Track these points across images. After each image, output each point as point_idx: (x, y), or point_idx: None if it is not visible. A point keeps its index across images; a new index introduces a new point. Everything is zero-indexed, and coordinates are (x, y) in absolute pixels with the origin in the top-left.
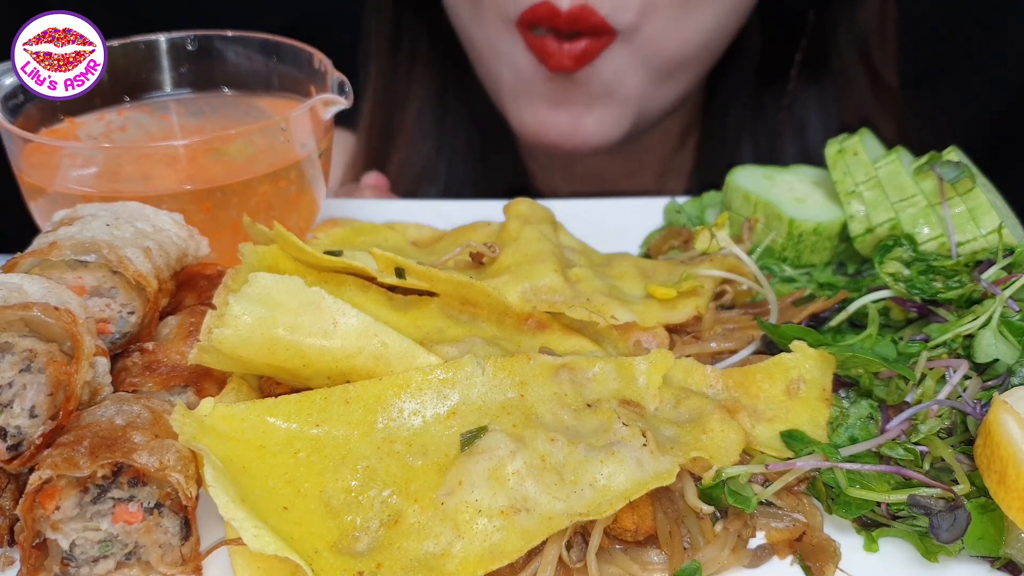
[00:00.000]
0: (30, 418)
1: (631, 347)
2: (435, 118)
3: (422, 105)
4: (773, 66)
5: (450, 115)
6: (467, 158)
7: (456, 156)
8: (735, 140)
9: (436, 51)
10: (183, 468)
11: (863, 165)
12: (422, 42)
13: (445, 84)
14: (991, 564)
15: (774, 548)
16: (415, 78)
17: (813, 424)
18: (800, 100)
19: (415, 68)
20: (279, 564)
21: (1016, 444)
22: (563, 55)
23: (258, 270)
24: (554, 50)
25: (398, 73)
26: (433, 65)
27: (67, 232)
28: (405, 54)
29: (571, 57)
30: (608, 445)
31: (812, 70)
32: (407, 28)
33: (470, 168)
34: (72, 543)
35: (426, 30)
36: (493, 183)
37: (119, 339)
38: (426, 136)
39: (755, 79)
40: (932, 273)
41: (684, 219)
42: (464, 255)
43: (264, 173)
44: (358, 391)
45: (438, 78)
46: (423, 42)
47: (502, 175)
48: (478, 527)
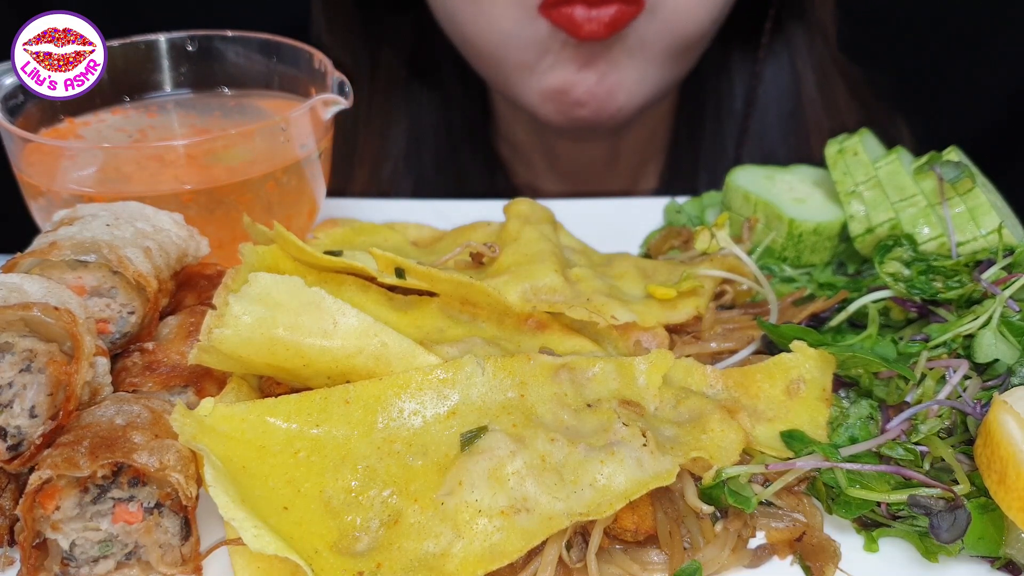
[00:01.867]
0: (30, 418)
1: (631, 347)
2: (404, 109)
3: (390, 96)
4: (739, 39)
5: (422, 106)
6: (434, 152)
7: (425, 150)
8: (703, 125)
9: (402, 40)
10: (183, 468)
11: (863, 165)
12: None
13: (413, 75)
14: (991, 564)
15: (774, 548)
16: (380, 63)
17: (813, 424)
18: (765, 72)
19: (380, 53)
20: (279, 564)
21: (1016, 444)
22: (594, 21)
23: (258, 270)
24: (584, 18)
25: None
26: (399, 54)
27: (67, 232)
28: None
29: (602, 23)
30: (608, 445)
31: (778, 38)
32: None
33: (440, 162)
34: (72, 543)
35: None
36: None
37: (119, 339)
38: (396, 128)
39: (721, 57)
40: (932, 273)
41: (684, 219)
42: (464, 255)
43: (264, 173)
44: (358, 391)
45: (404, 74)
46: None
47: (476, 167)
48: (478, 527)
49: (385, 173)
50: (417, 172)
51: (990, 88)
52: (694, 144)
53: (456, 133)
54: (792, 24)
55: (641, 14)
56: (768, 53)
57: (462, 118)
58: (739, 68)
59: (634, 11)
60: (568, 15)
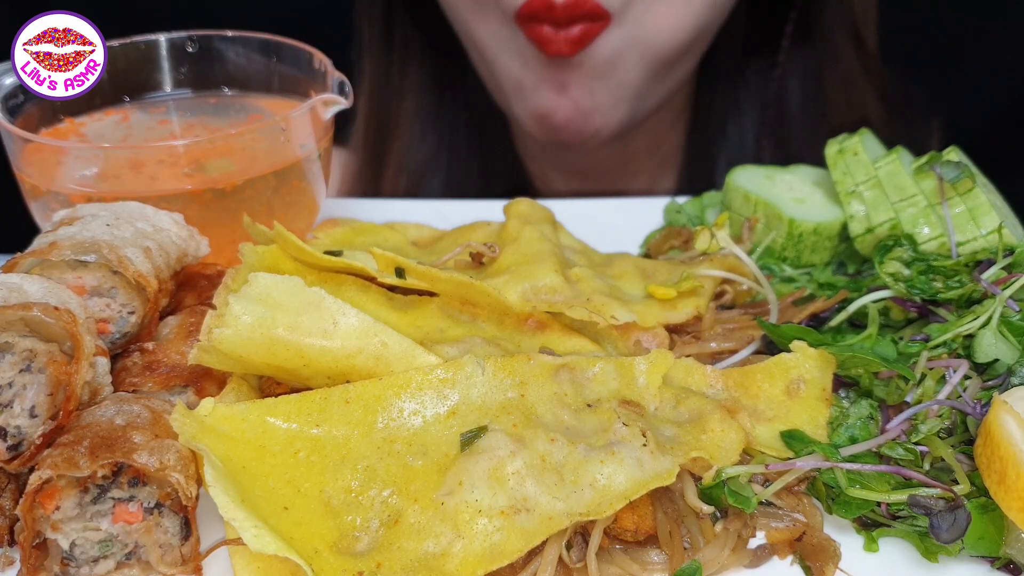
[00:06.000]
0: (30, 418)
1: (631, 347)
2: (433, 112)
3: (419, 99)
4: (760, 42)
5: (448, 109)
6: (467, 152)
7: (456, 149)
8: (723, 123)
9: (429, 45)
10: (183, 468)
11: (863, 165)
12: (414, 37)
13: (440, 78)
14: (991, 564)
15: (774, 548)
16: (409, 73)
17: (813, 424)
18: (788, 74)
19: (409, 63)
20: (279, 564)
21: (1016, 444)
22: (560, 40)
23: (258, 270)
24: (551, 37)
25: (392, 68)
26: (427, 59)
27: (67, 232)
28: (398, 49)
29: (568, 42)
30: (608, 445)
31: (801, 43)
32: (398, 23)
33: (471, 162)
34: (72, 543)
35: (417, 24)
36: (494, 177)
37: (119, 339)
38: (425, 130)
39: (741, 58)
40: (932, 273)
41: (684, 219)
42: (464, 255)
43: (264, 173)
44: (358, 391)
45: (433, 72)
46: (415, 37)
47: (502, 168)
48: (478, 527)
49: (414, 175)
50: (445, 175)
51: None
52: (712, 144)
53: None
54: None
55: (612, 31)
56: (789, 55)
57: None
58: (757, 73)
59: (600, 27)
60: (539, 31)
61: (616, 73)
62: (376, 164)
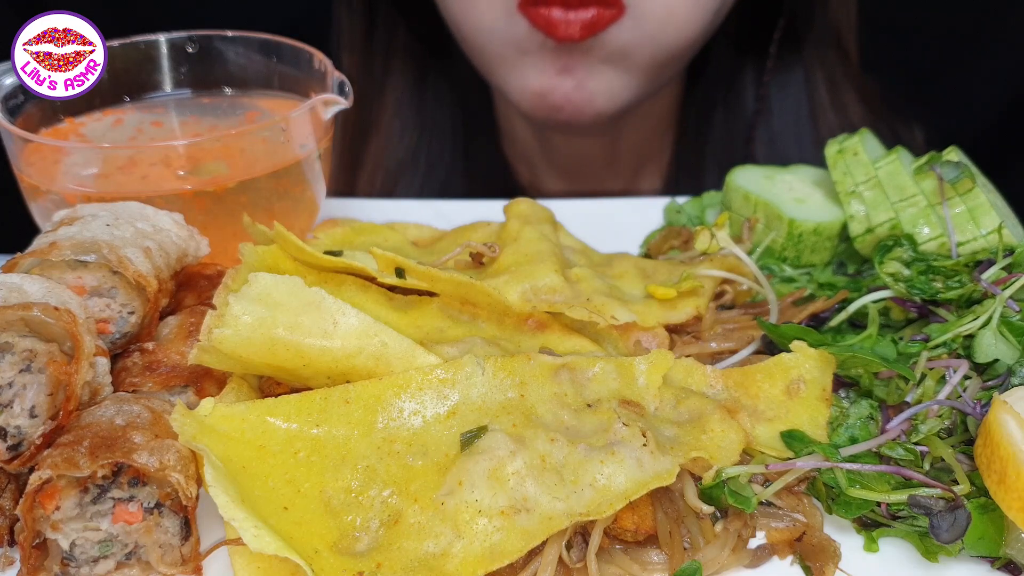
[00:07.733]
0: (30, 418)
1: (631, 347)
2: (414, 108)
3: (401, 97)
4: (749, 48)
5: (429, 107)
6: (451, 150)
7: (438, 148)
8: (711, 126)
9: (413, 41)
10: (183, 468)
11: (863, 165)
12: (398, 33)
13: (423, 73)
14: (991, 564)
15: (774, 548)
16: (392, 70)
17: (813, 424)
18: (775, 80)
19: (391, 60)
20: (279, 564)
21: (1016, 444)
22: (571, 24)
23: (258, 270)
24: (561, 19)
25: (374, 62)
26: (410, 53)
27: (67, 232)
28: (380, 45)
29: (580, 25)
30: (608, 445)
31: (789, 49)
32: (382, 16)
33: (451, 161)
34: (72, 543)
35: (403, 14)
36: (475, 176)
37: (119, 339)
38: (405, 128)
39: (731, 62)
40: (932, 273)
41: (684, 219)
42: (464, 255)
43: (264, 173)
44: (358, 391)
45: (416, 67)
46: (399, 33)
47: (486, 166)
48: (478, 527)
49: (391, 173)
50: (423, 175)
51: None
52: (700, 145)
53: (465, 134)
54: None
55: (625, 22)
56: (777, 62)
57: (471, 118)
58: (749, 74)
59: (613, 15)
60: (545, 16)
61: (624, 62)
62: (352, 161)
